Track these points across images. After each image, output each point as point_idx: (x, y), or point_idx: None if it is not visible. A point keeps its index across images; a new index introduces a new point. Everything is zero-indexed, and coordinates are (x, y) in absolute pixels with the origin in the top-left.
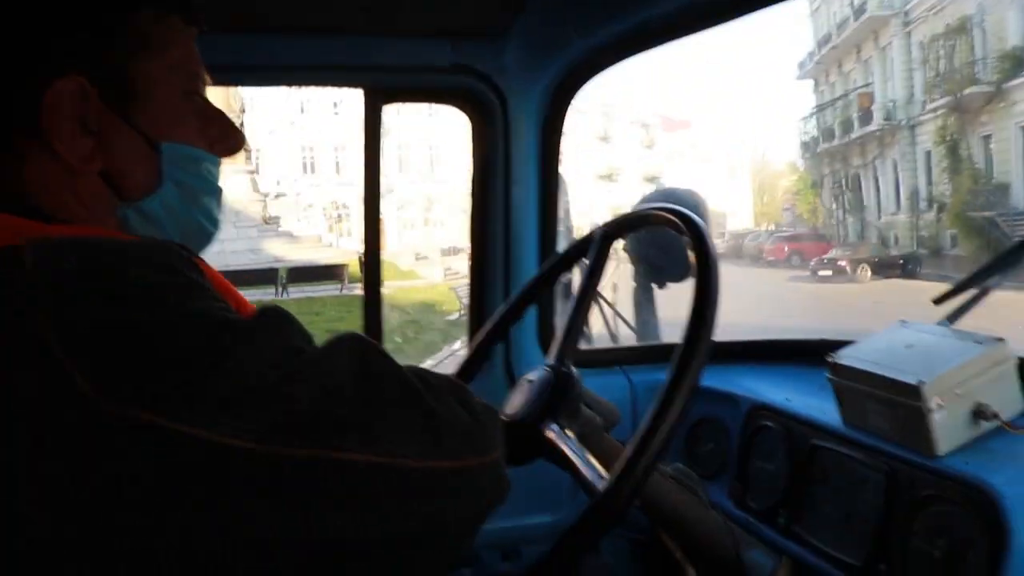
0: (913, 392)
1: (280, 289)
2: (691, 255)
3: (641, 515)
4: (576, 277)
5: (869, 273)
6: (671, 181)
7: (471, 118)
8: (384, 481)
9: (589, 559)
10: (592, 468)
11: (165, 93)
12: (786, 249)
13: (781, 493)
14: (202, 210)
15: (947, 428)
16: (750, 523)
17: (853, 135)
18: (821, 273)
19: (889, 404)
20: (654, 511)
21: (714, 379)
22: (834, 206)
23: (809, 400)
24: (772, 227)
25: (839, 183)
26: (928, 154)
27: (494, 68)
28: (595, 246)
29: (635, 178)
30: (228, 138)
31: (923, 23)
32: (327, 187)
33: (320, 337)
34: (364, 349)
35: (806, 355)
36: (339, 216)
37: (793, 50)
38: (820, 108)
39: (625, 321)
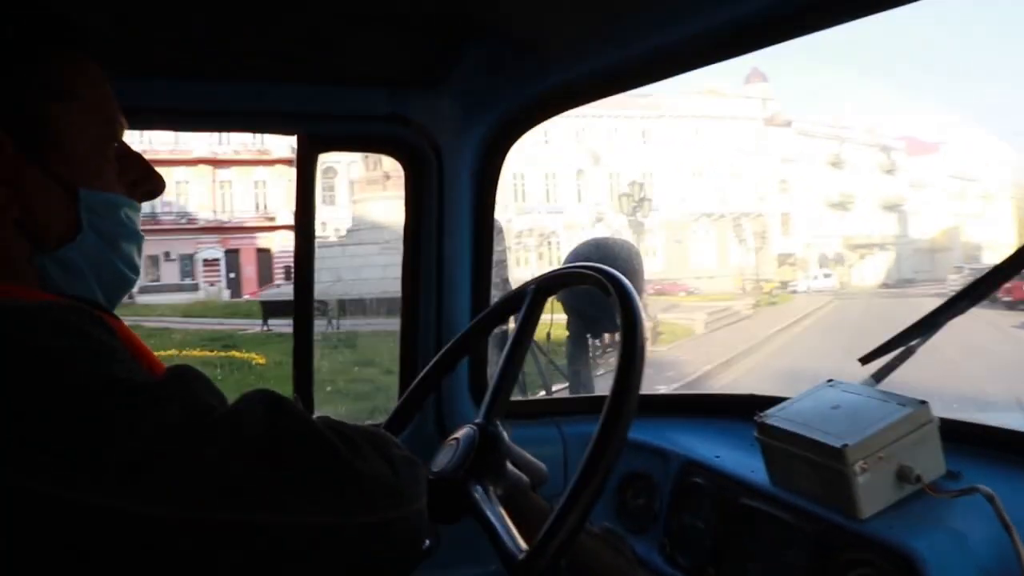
0: (837, 455)
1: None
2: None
3: None
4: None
5: None
6: (913, 209)
7: (405, 168)
8: (300, 541)
9: None
10: (512, 537)
11: (81, 139)
12: None
13: (710, 550)
14: (122, 257)
15: (871, 491)
16: None
17: None
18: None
19: (814, 466)
20: (581, 573)
21: (646, 433)
22: None
23: (739, 457)
24: None
25: None
26: None
27: (429, 119)
28: (527, 301)
29: (872, 206)
30: (147, 182)
31: None
32: (535, 215)
33: None
34: (276, 405)
35: (738, 411)
36: (548, 243)
37: None
38: None
39: (560, 371)
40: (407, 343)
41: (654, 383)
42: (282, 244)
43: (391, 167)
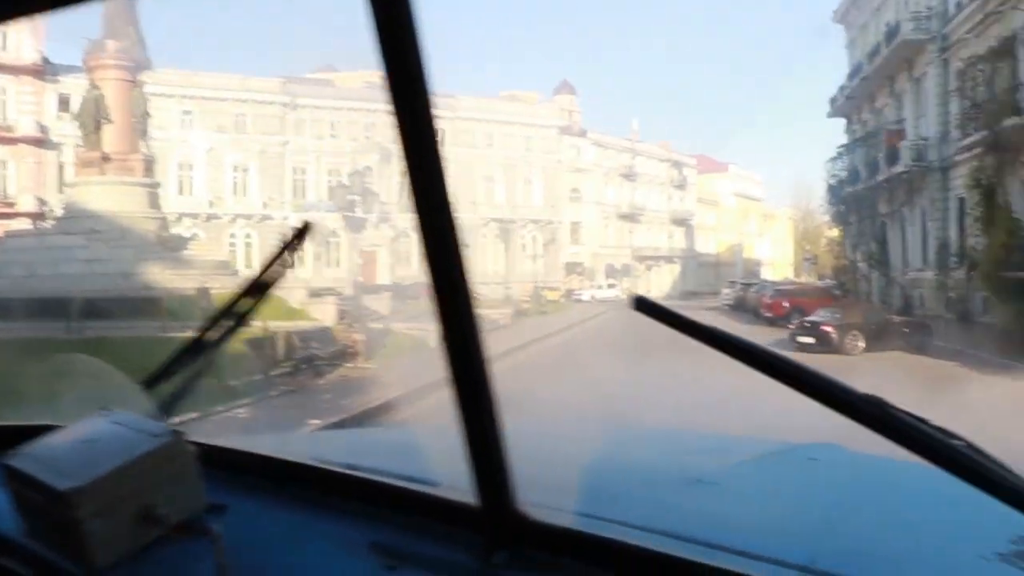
0: (64, 500)
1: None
2: None
3: None
4: None
5: (862, 343)
6: (700, 224)
7: None
8: None
9: None
10: None
11: None
12: (786, 305)
13: None
14: None
15: (107, 538)
16: None
17: (879, 178)
18: (801, 340)
19: (48, 512)
20: None
21: None
22: (858, 259)
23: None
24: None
25: (864, 232)
26: (961, 201)
27: None
28: None
29: (662, 219)
30: None
31: (962, 46)
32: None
33: None
34: None
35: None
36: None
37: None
38: (846, 148)
39: None
40: None
41: (321, 412)
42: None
43: (113, 148)
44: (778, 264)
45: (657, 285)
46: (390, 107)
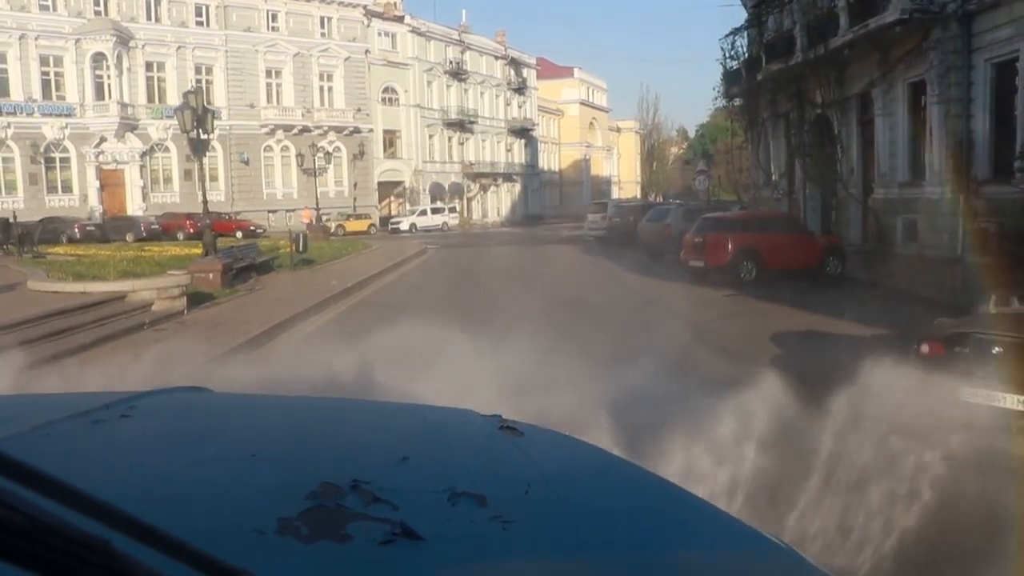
0: None
1: None
2: None
3: None
4: None
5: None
6: (544, 136)
7: None
8: None
9: None
10: None
11: None
12: (730, 248)
13: None
14: None
15: None
16: None
17: (835, 42)
18: (923, 349)
19: None
20: None
21: None
22: (776, 172)
23: None
24: (667, 199)
25: (793, 130)
26: (999, 67)
27: None
28: None
29: (499, 129)
30: None
31: None
32: (21, 117)
33: None
34: None
35: None
36: (46, 160)
37: None
38: (761, 9)
39: None
40: None
41: None
42: None
43: None
44: (624, 183)
45: (493, 208)
46: None
